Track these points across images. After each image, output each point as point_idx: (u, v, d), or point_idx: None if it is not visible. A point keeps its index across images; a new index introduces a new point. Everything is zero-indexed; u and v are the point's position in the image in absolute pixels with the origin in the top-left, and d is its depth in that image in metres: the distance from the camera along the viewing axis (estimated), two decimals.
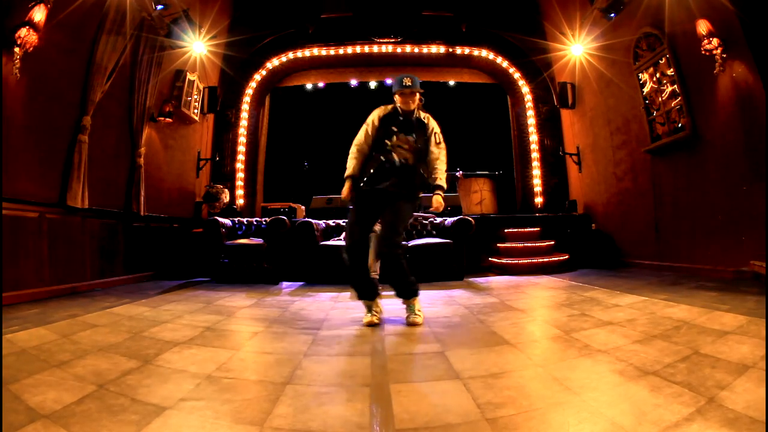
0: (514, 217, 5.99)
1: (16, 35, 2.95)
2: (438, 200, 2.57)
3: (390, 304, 2.75)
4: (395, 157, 2.48)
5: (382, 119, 2.60)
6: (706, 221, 3.94)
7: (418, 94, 2.59)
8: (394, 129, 2.53)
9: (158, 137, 5.18)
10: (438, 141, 2.62)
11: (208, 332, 2.26)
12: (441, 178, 2.57)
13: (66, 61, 3.59)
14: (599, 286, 3.57)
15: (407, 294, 2.51)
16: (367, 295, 2.53)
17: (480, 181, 6.41)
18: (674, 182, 4.38)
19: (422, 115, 2.64)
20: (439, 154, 2.60)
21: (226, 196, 5.66)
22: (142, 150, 4.65)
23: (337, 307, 3.09)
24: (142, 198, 4.59)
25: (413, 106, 2.59)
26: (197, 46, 5.62)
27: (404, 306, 2.54)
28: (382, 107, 2.67)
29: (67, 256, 3.60)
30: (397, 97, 2.60)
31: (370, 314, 2.50)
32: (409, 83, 2.54)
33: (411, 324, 2.44)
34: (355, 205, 2.56)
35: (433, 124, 2.65)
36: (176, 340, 2.06)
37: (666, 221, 4.52)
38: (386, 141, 2.51)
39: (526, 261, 4.97)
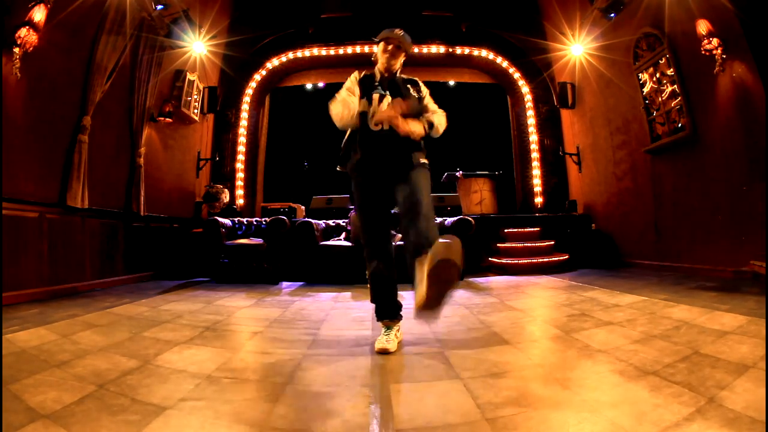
0: (514, 217, 5.99)
1: (16, 35, 2.95)
2: (417, 125, 1.95)
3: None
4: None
5: (362, 80, 2.12)
6: (706, 221, 3.94)
7: (404, 56, 2.10)
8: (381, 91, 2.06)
9: (158, 137, 5.18)
10: (435, 108, 2.15)
11: (208, 332, 2.26)
12: (434, 120, 2.06)
13: (66, 61, 3.58)
14: (599, 286, 3.57)
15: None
16: (391, 312, 2.03)
17: (480, 181, 6.41)
18: (674, 182, 4.38)
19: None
20: (441, 115, 2.12)
21: (226, 196, 5.65)
22: (142, 150, 4.65)
23: (337, 307, 3.09)
24: (142, 198, 4.58)
25: (396, 66, 2.10)
26: (197, 46, 5.62)
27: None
28: (357, 71, 2.18)
29: (67, 256, 3.60)
30: (381, 46, 2.08)
31: (386, 337, 1.94)
32: (401, 34, 2.04)
33: None
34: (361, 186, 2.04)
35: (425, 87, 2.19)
36: (176, 340, 2.06)
37: (666, 221, 4.52)
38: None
39: (526, 261, 4.97)
